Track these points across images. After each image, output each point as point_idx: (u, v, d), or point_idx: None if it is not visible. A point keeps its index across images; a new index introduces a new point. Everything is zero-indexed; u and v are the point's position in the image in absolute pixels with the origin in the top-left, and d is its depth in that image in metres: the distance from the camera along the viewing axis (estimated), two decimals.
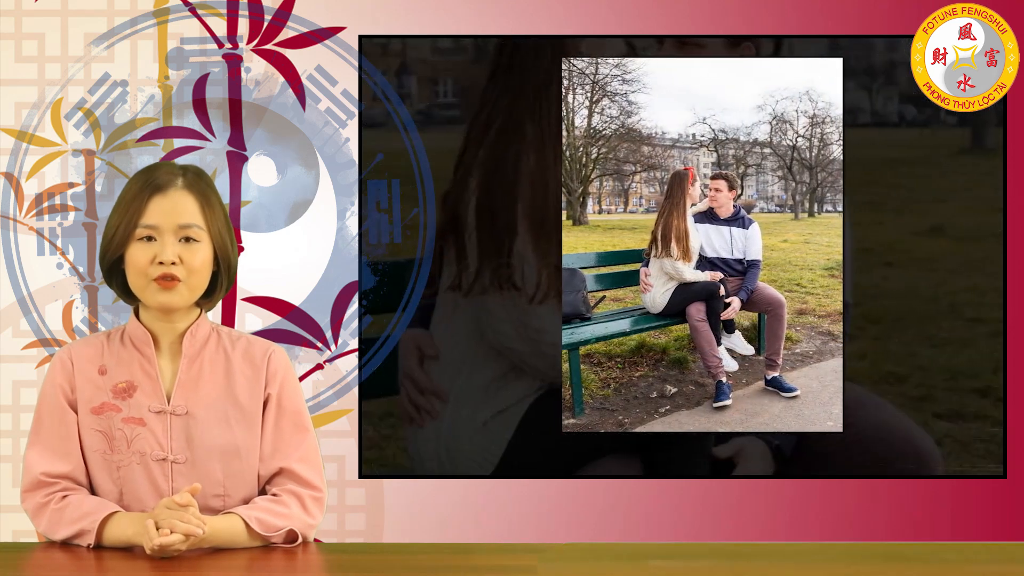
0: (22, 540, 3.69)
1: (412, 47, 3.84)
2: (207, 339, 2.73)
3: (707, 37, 3.79)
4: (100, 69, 3.86)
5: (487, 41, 3.78)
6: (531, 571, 2.47)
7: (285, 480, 2.70)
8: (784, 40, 3.79)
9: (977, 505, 3.86)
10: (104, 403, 2.68)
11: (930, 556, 2.66)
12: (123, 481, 2.66)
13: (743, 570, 2.53)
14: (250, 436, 2.70)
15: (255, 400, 2.71)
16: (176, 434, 2.68)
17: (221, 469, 2.68)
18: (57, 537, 2.64)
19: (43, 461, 2.67)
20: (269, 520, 2.63)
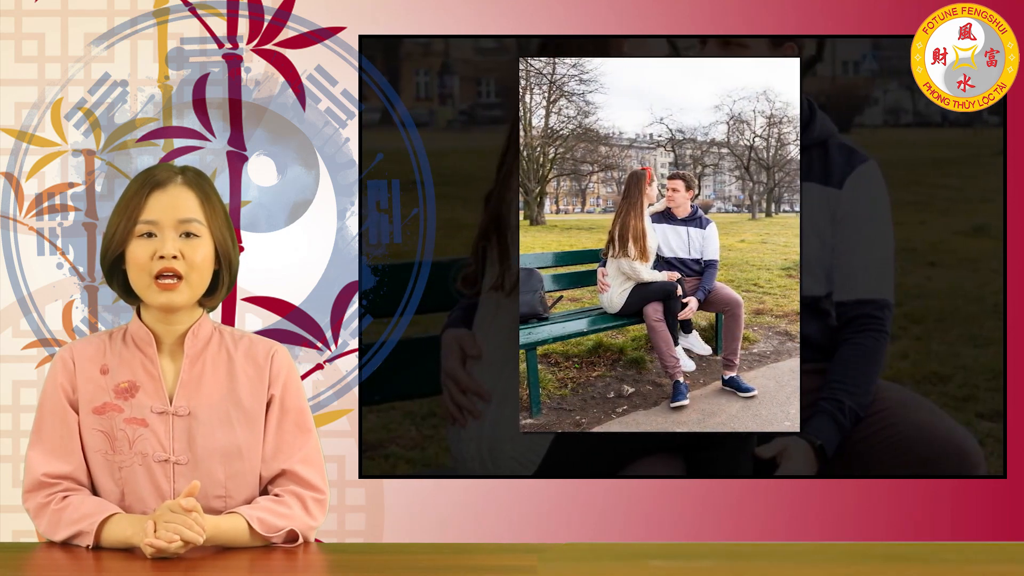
0: (22, 540, 3.69)
1: (454, 47, 3.84)
2: (209, 339, 2.73)
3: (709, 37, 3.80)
4: (100, 69, 3.86)
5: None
6: (531, 571, 2.47)
7: (287, 481, 2.70)
8: (784, 40, 3.78)
9: (977, 505, 3.86)
10: (106, 403, 2.68)
11: (930, 556, 2.66)
12: (124, 482, 2.66)
13: (743, 570, 2.54)
14: (252, 437, 2.70)
15: (258, 401, 2.71)
16: (178, 435, 2.68)
17: (223, 470, 2.68)
18: (57, 537, 2.64)
19: (44, 461, 2.66)
20: (271, 520, 2.63)
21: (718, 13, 3.85)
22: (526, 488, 3.86)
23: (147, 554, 2.52)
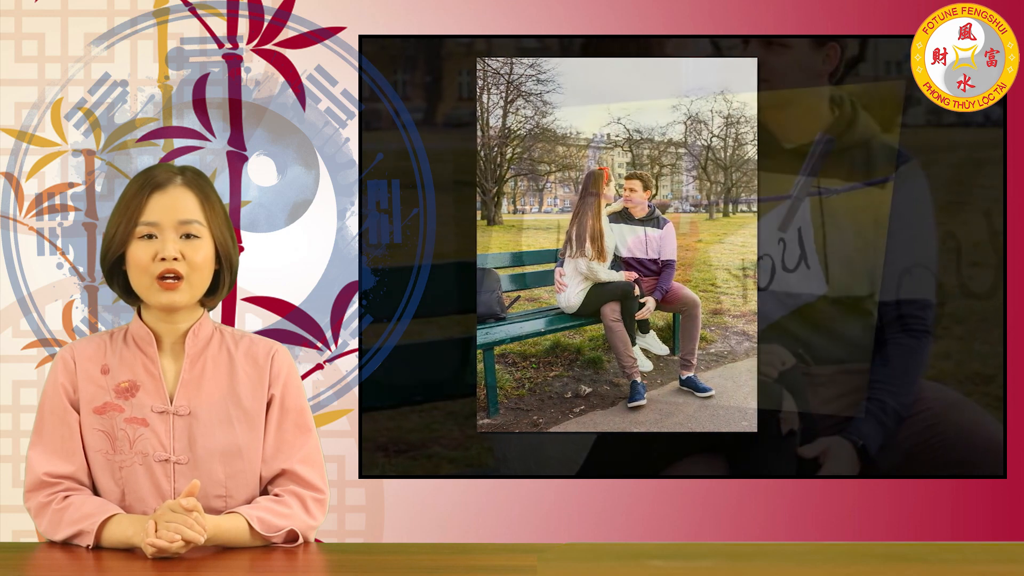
0: (22, 540, 3.69)
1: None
2: (210, 339, 2.73)
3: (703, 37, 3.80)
4: (100, 69, 3.86)
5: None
6: (531, 571, 2.47)
7: (287, 481, 2.70)
8: (784, 40, 3.78)
9: (977, 505, 3.86)
10: (107, 403, 2.68)
11: (930, 556, 2.66)
12: (125, 481, 2.66)
13: (743, 570, 2.54)
14: (252, 436, 2.70)
15: (258, 400, 2.71)
16: (179, 435, 2.68)
17: (223, 470, 2.68)
18: (57, 537, 2.63)
19: (45, 461, 2.66)
20: (271, 520, 2.63)
21: (718, 13, 3.85)
22: (526, 488, 3.86)
23: (148, 554, 2.52)
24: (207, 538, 2.55)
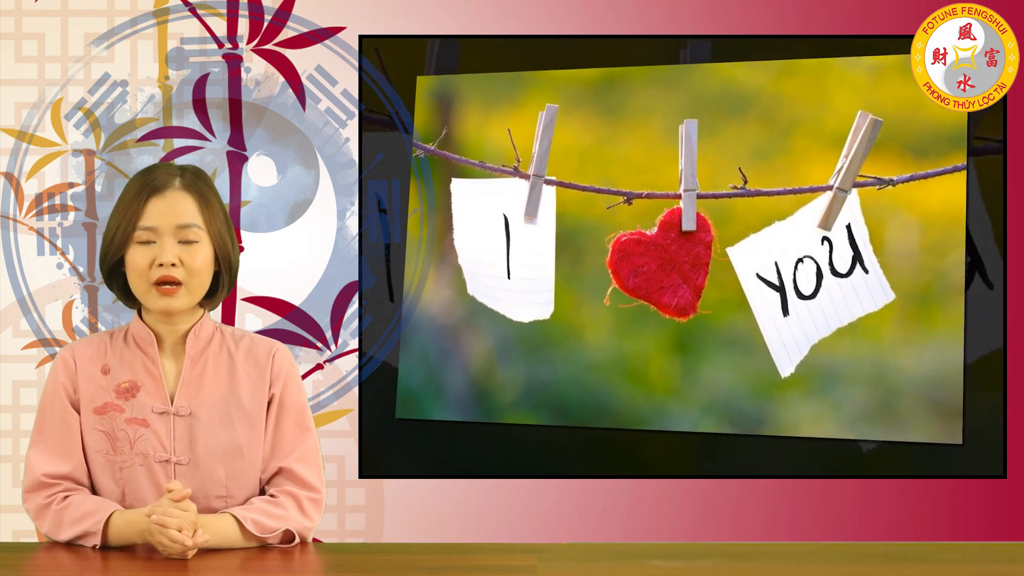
0: (22, 540, 3.69)
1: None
2: (210, 339, 2.73)
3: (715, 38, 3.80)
4: (100, 69, 3.86)
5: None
6: (531, 571, 2.47)
7: (283, 480, 2.69)
8: (784, 40, 3.78)
9: (977, 505, 3.86)
10: (107, 403, 2.67)
11: (930, 556, 2.66)
12: (125, 482, 2.66)
13: (743, 570, 2.54)
14: (253, 436, 2.69)
15: (259, 400, 2.71)
16: (179, 435, 2.67)
17: (224, 470, 2.67)
18: (61, 538, 2.63)
19: (45, 462, 2.66)
20: (265, 522, 2.62)
21: (718, 13, 3.85)
22: (526, 488, 3.86)
23: (160, 535, 2.49)
24: (204, 540, 2.53)
